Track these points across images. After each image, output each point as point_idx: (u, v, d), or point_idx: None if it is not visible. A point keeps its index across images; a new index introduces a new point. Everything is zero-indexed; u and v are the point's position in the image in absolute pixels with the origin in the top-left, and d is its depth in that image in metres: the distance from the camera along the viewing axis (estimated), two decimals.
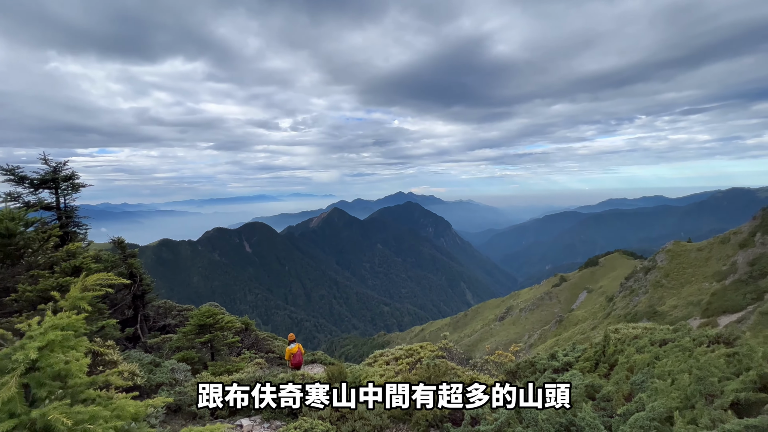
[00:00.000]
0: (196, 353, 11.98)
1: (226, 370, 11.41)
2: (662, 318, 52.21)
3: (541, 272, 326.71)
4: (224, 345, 13.44)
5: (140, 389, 7.64)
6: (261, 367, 13.45)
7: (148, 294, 16.39)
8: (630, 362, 5.40)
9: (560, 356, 7.58)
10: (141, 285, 15.55)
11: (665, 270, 63.72)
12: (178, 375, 8.75)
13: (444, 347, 12.36)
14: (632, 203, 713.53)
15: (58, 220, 12.51)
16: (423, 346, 12.11)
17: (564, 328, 77.39)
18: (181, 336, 12.92)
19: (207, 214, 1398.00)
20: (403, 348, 12.48)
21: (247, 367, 12.21)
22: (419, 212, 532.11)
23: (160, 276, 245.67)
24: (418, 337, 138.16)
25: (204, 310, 13.24)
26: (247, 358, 14.73)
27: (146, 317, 15.74)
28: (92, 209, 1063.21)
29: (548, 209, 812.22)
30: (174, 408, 6.99)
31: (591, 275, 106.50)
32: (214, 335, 12.61)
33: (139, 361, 8.17)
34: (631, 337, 7.27)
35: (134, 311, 15.46)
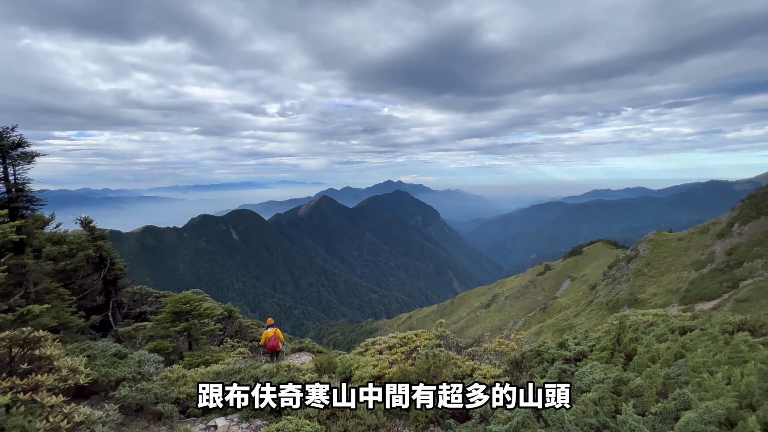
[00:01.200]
0: (170, 343, 11.20)
1: (203, 361, 10.70)
2: (642, 305, 53.47)
3: (527, 261, 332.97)
4: (203, 333, 12.70)
5: (86, 389, 6.73)
6: (244, 356, 12.69)
7: (120, 279, 15.30)
8: (651, 352, 4.90)
9: (571, 345, 6.92)
10: (112, 269, 14.49)
11: (647, 259, 65.17)
12: (147, 368, 7.94)
13: (441, 335, 11.75)
14: (616, 194, 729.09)
15: (7, 194, 11.19)
16: (418, 334, 11.39)
17: (548, 315, 78.96)
18: (155, 324, 12.03)
19: (192, 200, 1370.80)
20: (397, 336, 11.72)
21: (228, 358, 11.56)
22: (408, 201, 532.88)
23: (144, 263, 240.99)
24: (405, 324, 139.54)
25: (180, 296, 12.38)
26: (228, 347, 13.95)
27: (119, 304, 14.74)
28: (72, 194, 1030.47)
29: (535, 199, 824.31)
30: (135, 407, 6.16)
31: (575, 264, 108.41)
32: (190, 323, 11.77)
33: (102, 353, 7.34)
34: (644, 324, 6.78)
35: (106, 297, 14.49)
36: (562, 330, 59.78)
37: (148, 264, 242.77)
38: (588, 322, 58.33)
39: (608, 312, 55.97)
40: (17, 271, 10.10)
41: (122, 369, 7.10)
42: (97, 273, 14.00)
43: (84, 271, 13.44)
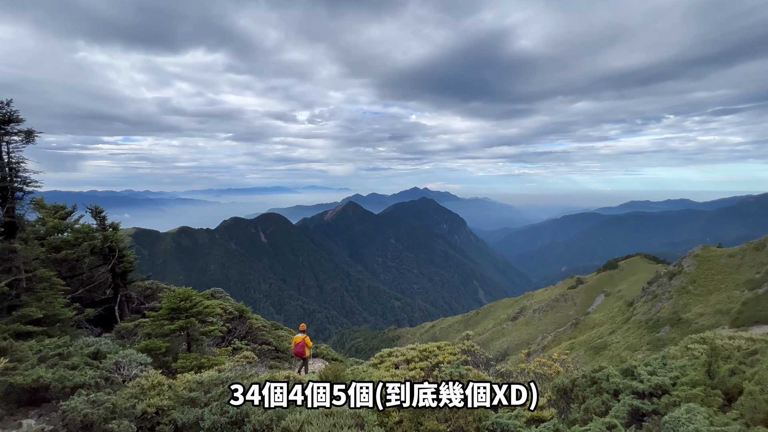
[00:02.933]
0: (166, 342, 10.39)
1: (198, 364, 9.83)
2: (687, 326, 49.34)
3: (557, 273, 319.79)
4: (203, 334, 11.83)
5: (38, 395, 5.76)
6: (249, 361, 11.89)
7: (130, 273, 15.01)
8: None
9: (642, 373, 5.36)
10: (121, 262, 14.25)
11: (692, 276, 60.32)
12: (126, 370, 7.05)
13: (467, 349, 10.08)
14: (656, 206, 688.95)
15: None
16: (441, 347, 10.02)
17: (580, 331, 74.72)
18: (151, 321, 11.23)
19: (225, 203, 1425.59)
20: (417, 348, 10.47)
21: (227, 363, 10.62)
22: (434, 208, 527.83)
23: (178, 262, 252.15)
24: (428, 334, 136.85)
25: (179, 292, 11.55)
26: (230, 351, 13.18)
27: (128, 298, 14.45)
28: (117, 195, 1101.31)
29: (566, 209, 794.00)
30: (81, 424, 4.99)
31: (609, 278, 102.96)
32: (188, 322, 10.86)
33: (80, 351, 6.83)
34: (740, 350, 5.30)
35: (114, 291, 14.22)
36: (596, 348, 56.15)
37: (181, 263, 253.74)
38: (624, 341, 54.44)
39: (647, 331, 51.97)
40: (5, 256, 9.60)
41: (86, 372, 6.18)
42: (106, 264, 13.75)
43: (92, 262, 13.33)
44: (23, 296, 9.58)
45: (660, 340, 47.81)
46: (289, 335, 26.13)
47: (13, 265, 9.79)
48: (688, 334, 48.38)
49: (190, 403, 5.93)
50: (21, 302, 9.24)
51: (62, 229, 12.16)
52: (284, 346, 17.14)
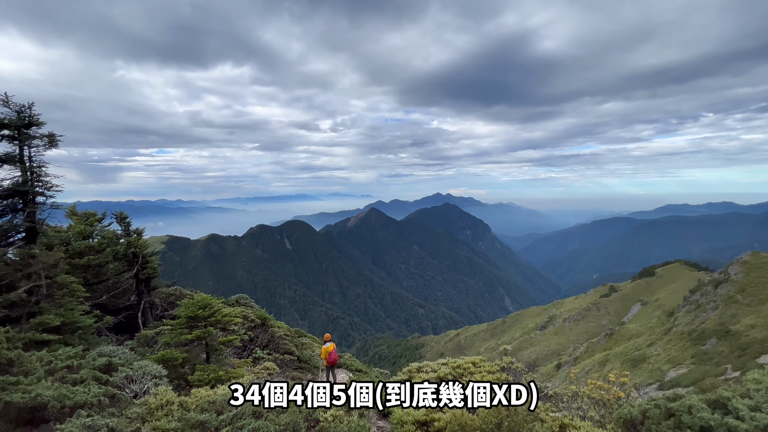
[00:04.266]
0: (183, 353, 9.94)
1: (216, 377, 9.20)
2: (736, 339, 45.59)
3: (587, 281, 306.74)
4: (222, 343, 11.27)
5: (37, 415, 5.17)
6: (269, 373, 11.43)
7: (154, 279, 15.12)
8: None
9: (741, 409, 4.18)
10: (145, 268, 14.32)
11: (740, 284, 55.94)
12: (138, 386, 6.56)
13: (507, 367, 8.77)
14: (695, 209, 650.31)
15: (21, 177, 10.41)
16: (476, 363, 8.89)
17: (615, 342, 70.79)
18: (170, 330, 10.88)
19: (251, 211, 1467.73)
20: (449, 364, 9.27)
21: (246, 375, 9.82)
22: (457, 214, 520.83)
23: (208, 268, 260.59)
24: (453, 342, 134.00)
25: (197, 299, 10.99)
26: (250, 362, 12.65)
27: (152, 305, 14.58)
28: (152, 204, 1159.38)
29: (597, 214, 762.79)
30: None
31: (646, 286, 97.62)
32: (206, 331, 10.35)
33: (91, 363, 6.50)
34: None
35: (138, 297, 14.29)
36: (633, 361, 52.89)
37: (210, 269, 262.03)
38: (665, 354, 50.99)
39: (691, 344, 48.43)
40: (24, 262, 9.46)
41: (90, 389, 5.56)
42: (130, 270, 13.87)
43: (116, 268, 13.53)
44: (42, 303, 9.42)
45: (706, 353, 44.41)
46: (312, 342, 25.90)
47: (32, 271, 9.53)
48: (738, 347, 44.58)
49: (200, 428, 5.35)
50: (40, 309, 9.08)
51: (88, 234, 12.34)
52: (307, 356, 16.82)
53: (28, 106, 10.65)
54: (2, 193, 10.34)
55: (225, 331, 12.04)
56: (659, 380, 44.19)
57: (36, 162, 11.01)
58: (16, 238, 10.73)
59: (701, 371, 41.26)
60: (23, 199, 10.65)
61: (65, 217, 13.05)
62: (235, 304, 21.31)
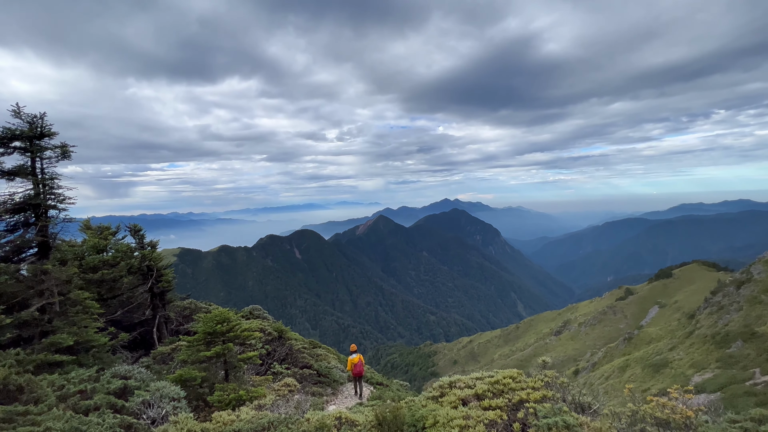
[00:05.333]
0: (201, 372, 9.37)
1: (236, 397, 8.65)
2: (763, 341, 43.84)
3: (602, 284, 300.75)
4: (241, 360, 10.63)
5: None
6: (290, 390, 11.00)
7: (169, 292, 14.92)
8: None
9: None
10: (159, 281, 14.06)
11: (765, 284, 54.01)
12: (155, 410, 6.10)
13: (551, 382, 7.80)
14: (711, 208, 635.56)
15: (33, 189, 10.03)
16: (514, 377, 7.99)
17: (634, 346, 68.78)
18: (187, 346, 10.17)
19: (261, 222, 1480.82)
20: (485, 378, 8.37)
21: (268, 394, 9.31)
22: (466, 219, 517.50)
23: (219, 280, 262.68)
24: (466, 349, 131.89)
25: (215, 314, 10.36)
26: (270, 379, 12.11)
27: (167, 319, 14.33)
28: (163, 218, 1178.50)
29: (608, 216, 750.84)
30: None
31: (663, 288, 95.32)
32: (225, 347, 9.74)
33: (106, 386, 6.09)
34: None
35: (152, 312, 14.00)
36: (655, 366, 51.21)
37: (222, 280, 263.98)
38: (688, 358, 49.29)
39: (715, 347, 46.72)
40: (36, 278, 9.05)
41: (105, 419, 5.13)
42: (144, 284, 13.73)
43: (131, 282, 13.34)
44: (55, 321, 9.02)
45: (732, 357, 42.76)
46: (327, 353, 25.50)
47: (45, 288, 9.10)
48: (766, 350, 42.89)
49: None
50: (53, 328, 8.66)
51: (102, 248, 12.15)
52: (325, 369, 16.46)
53: (40, 116, 10.38)
54: (14, 207, 10.04)
55: (243, 346, 11.62)
56: (683, 385, 42.54)
57: (48, 174, 10.65)
58: (29, 253, 10.34)
59: (728, 376, 39.67)
60: (35, 213, 10.31)
61: (79, 231, 12.96)
62: (249, 316, 21.09)
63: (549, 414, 5.79)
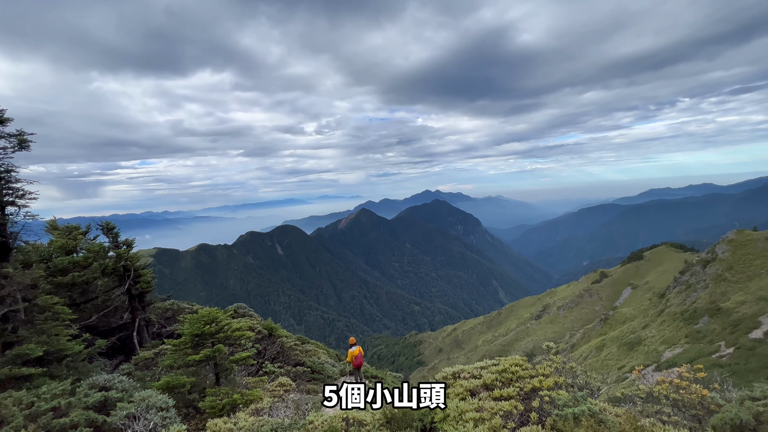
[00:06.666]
0: (189, 377, 8.76)
1: (230, 402, 8.13)
2: (728, 316, 46.54)
3: (578, 268, 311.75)
4: (233, 362, 10.02)
5: None
6: (285, 390, 10.51)
7: (148, 294, 14.16)
8: None
9: None
10: (137, 282, 13.30)
11: (728, 262, 57.18)
12: (143, 424, 5.57)
13: (561, 368, 7.49)
14: (677, 192, 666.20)
15: None
16: (520, 364, 7.61)
17: (610, 326, 71.82)
18: (172, 350, 9.49)
19: (241, 218, 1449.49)
20: (489, 367, 7.93)
21: (263, 397, 8.82)
22: (447, 210, 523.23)
23: (199, 279, 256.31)
24: (450, 337, 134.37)
25: (202, 314, 9.75)
26: (264, 380, 11.53)
27: (148, 322, 13.73)
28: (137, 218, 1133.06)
29: (584, 202, 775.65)
30: None
31: (635, 270, 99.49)
32: (215, 350, 9.13)
33: (83, 401, 5.41)
34: None
35: (131, 314, 13.29)
36: (630, 344, 53.67)
37: (202, 279, 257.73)
38: (660, 335, 51.86)
39: (684, 323, 49.33)
40: None
41: None
42: (121, 286, 12.84)
43: (106, 285, 12.58)
44: (21, 330, 8.20)
45: (700, 332, 45.26)
46: (316, 349, 25.28)
47: (6, 294, 8.24)
48: (730, 324, 45.51)
49: None
50: (18, 338, 7.84)
51: (72, 249, 11.23)
52: (318, 366, 16.19)
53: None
54: None
55: (233, 346, 11.06)
56: (656, 361, 44.83)
57: (3, 166, 9.47)
58: None
59: (696, 350, 41.97)
60: None
61: (45, 232, 11.99)
62: (235, 315, 20.56)
63: (570, 403, 5.50)
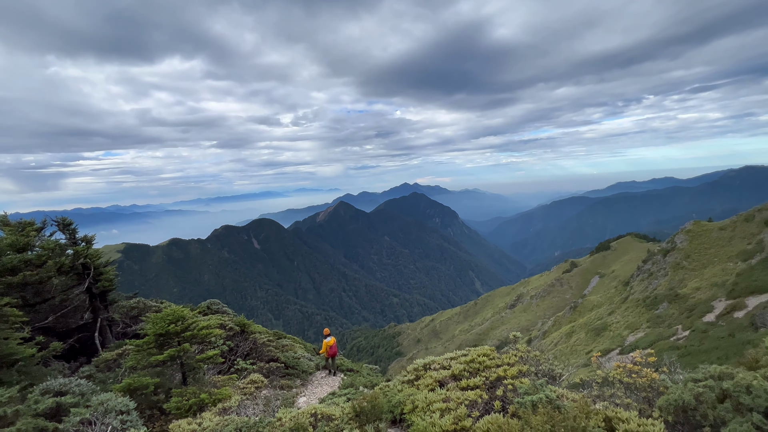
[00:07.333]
0: (153, 378, 8.41)
1: (197, 401, 7.97)
2: (684, 301, 49.69)
3: (551, 259, 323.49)
4: (200, 361, 9.69)
5: None
6: (257, 386, 10.43)
7: (111, 292, 13.50)
8: None
9: None
10: (98, 280, 12.66)
11: (686, 251, 60.87)
12: (98, 429, 5.30)
13: (525, 356, 7.72)
14: (642, 186, 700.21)
15: None
16: (488, 354, 7.80)
17: (579, 314, 75.14)
18: (135, 350, 9.14)
19: (215, 212, 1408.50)
20: (459, 357, 8.02)
21: (233, 395, 8.68)
22: (425, 203, 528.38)
23: (171, 275, 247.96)
24: (428, 328, 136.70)
25: (167, 312, 9.37)
26: (234, 378, 11.18)
27: (111, 322, 13.09)
28: (102, 212, 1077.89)
29: (556, 195, 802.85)
30: None
31: (603, 260, 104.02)
32: (180, 349, 8.80)
33: (34, 407, 5.07)
34: None
35: (93, 314, 12.66)
36: (596, 330, 56.35)
37: (174, 275, 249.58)
38: (624, 320, 54.78)
39: (646, 309, 52.27)
40: None
41: None
42: (81, 285, 12.19)
43: (63, 284, 11.89)
44: None
45: (660, 317, 48.05)
46: (293, 343, 25.07)
47: None
48: (686, 309, 48.47)
49: None
50: None
51: (23, 247, 10.47)
52: (293, 361, 16.01)
53: None
54: None
55: (202, 344, 10.75)
56: (620, 345, 47.40)
57: None
58: None
59: (656, 333, 44.60)
60: None
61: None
62: (207, 311, 20.04)
63: (530, 390, 5.72)
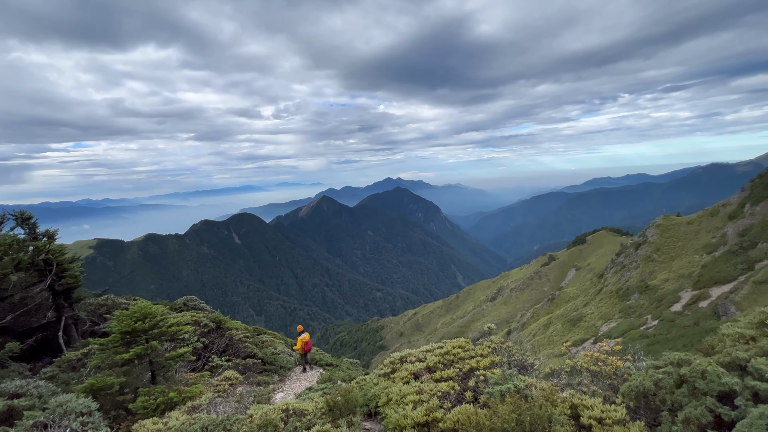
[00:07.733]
0: (120, 377, 8.16)
1: (164, 401, 7.76)
2: (654, 292, 51.90)
3: (530, 252, 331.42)
4: (170, 359, 9.40)
5: None
6: (231, 384, 10.20)
7: (76, 290, 12.89)
8: None
9: (764, 369, 3.91)
10: (62, 277, 12.14)
11: (656, 244, 63.47)
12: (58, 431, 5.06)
13: (497, 347, 7.92)
14: (616, 182, 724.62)
15: None
16: (462, 346, 7.96)
17: (556, 305, 77.38)
18: (100, 349, 8.87)
19: (193, 206, 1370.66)
20: (435, 350, 8.19)
21: (205, 392, 8.51)
22: (408, 198, 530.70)
23: (148, 271, 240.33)
24: (411, 321, 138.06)
25: (134, 310, 9.07)
26: (207, 375, 10.86)
27: (76, 320, 12.59)
28: (73, 206, 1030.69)
29: (535, 190, 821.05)
30: None
31: (579, 253, 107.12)
32: (147, 347, 8.56)
33: None
34: None
35: (56, 313, 12.14)
36: (572, 321, 58.20)
37: (151, 272, 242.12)
38: (598, 311, 56.76)
39: (619, 300, 54.33)
40: None
41: None
42: (42, 282, 11.60)
43: (22, 281, 11.26)
44: None
45: (631, 307, 50.02)
46: (273, 339, 24.75)
47: None
48: (655, 299, 50.51)
49: None
50: None
51: None
52: (271, 357, 15.84)
53: None
54: None
55: (174, 342, 10.42)
56: (594, 335, 49.14)
57: None
58: None
59: (627, 323, 46.48)
60: None
61: None
62: (183, 308, 19.51)
63: (500, 380, 5.88)
